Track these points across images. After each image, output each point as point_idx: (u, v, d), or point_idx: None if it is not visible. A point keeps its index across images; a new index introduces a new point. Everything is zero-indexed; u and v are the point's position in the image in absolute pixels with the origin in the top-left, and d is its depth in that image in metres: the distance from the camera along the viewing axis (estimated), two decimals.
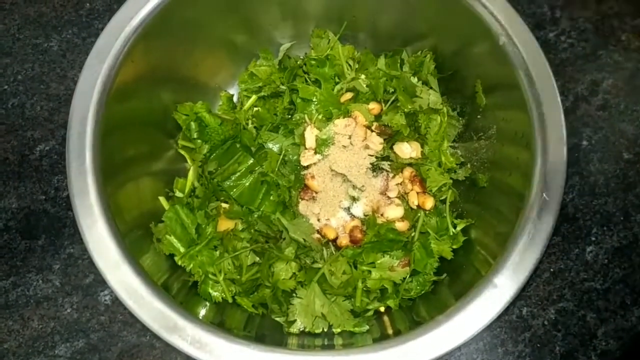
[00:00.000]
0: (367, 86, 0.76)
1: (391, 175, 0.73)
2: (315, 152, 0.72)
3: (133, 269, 0.58)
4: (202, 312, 0.65)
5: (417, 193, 0.73)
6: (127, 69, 0.66)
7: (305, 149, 0.72)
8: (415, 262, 0.67)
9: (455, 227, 0.70)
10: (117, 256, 0.58)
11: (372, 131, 0.74)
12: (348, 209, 0.72)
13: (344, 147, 0.72)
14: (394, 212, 0.71)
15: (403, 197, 0.73)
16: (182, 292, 0.66)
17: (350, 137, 0.72)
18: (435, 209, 0.73)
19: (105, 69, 0.64)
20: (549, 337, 0.74)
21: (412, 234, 0.71)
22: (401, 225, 0.70)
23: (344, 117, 0.74)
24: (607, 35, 0.88)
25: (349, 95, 0.76)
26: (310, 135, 0.72)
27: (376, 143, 0.73)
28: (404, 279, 0.67)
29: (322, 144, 0.72)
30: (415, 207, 0.72)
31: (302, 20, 0.79)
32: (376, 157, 0.72)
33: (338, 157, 0.71)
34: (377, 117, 0.75)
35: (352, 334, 0.65)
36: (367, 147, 0.72)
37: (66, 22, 0.89)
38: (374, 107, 0.75)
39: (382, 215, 0.72)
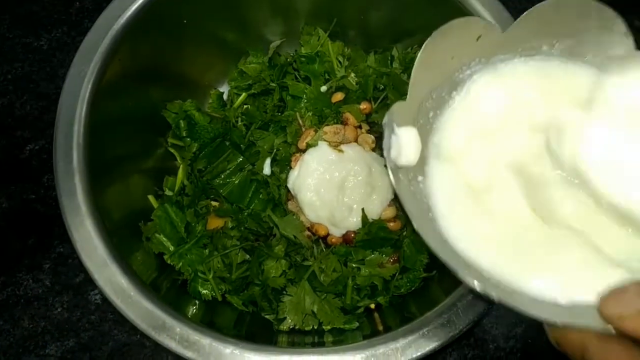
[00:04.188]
0: (356, 84, 0.76)
1: None
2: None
3: (121, 268, 0.58)
4: (192, 310, 0.65)
5: None
6: (115, 67, 0.66)
7: (297, 151, 0.72)
8: (405, 259, 0.67)
9: None
10: (104, 255, 0.58)
11: (361, 130, 0.74)
12: None
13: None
14: (386, 212, 0.71)
15: (395, 196, 0.73)
16: (171, 291, 0.66)
17: (340, 142, 0.72)
18: None
19: (93, 67, 0.64)
20: (541, 332, 0.74)
21: (404, 232, 0.71)
22: (393, 225, 0.70)
23: (333, 123, 0.73)
24: None
25: (340, 95, 0.76)
26: (302, 140, 0.72)
27: (369, 142, 0.73)
28: (394, 275, 0.67)
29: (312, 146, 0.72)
30: None
31: (292, 17, 0.79)
32: None
33: None
34: (367, 116, 0.75)
35: (342, 331, 0.65)
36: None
37: (56, 21, 0.89)
38: (365, 106, 0.74)
39: None
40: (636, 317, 0.27)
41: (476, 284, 0.34)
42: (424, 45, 0.41)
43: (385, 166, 0.40)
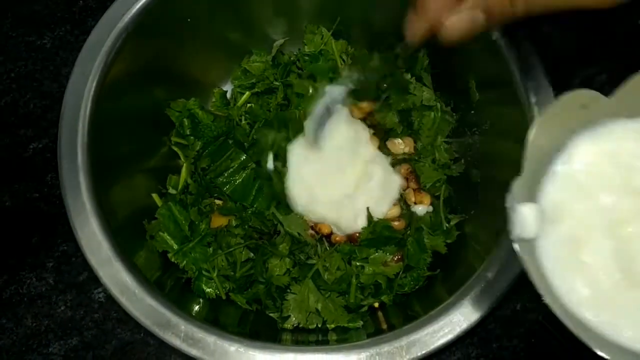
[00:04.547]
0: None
1: None
2: None
3: (125, 266, 0.58)
4: (196, 308, 0.65)
5: (414, 190, 0.73)
6: (119, 66, 0.66)
7: None
8: (409, 257, 0.67)
9: (449, 222, 0.70)
10: (109, 253, 0.58)
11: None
12: None
13: None
14: (391, 211, 0.71)
15: (400, 195, 0.73)
16: (175, 289, 0.66)
17: None
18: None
19: (97, 66, 0.64)
20: (544, 332, 0.74)
21: (408, 231, 0.71)
22: (397, 224, 0.70)
23: None
24: (603, 30, 0.88)
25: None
26: None
27: (375, 144, 0.73)
28: (398, 274, 0.68)
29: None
30: (412, 204, 0.72)
31: (295, 16, 0.79)
32: None
33: None
34: (369, 114, 0.75)
35: (346, 330, 0.65)
36: None
37: (59, 20, 0.89)
38: (365, 105, 0.74)
39: None
40: None
41: (604, 355, 0.38)
42: (535, 124, 0.44)
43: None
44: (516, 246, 0.42)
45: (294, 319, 0.66)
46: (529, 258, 0.42)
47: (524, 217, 0.43)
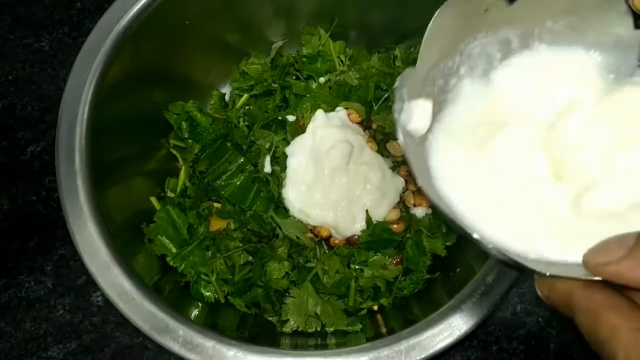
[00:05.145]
0: (356, 79, 0.75)
1: None
2: None
3: (124, 270, 0.58)
4: (195, 312, 0.64)
5: (413, 192, 0.73)
6: (117, 68, 0.65)
7: None
8: (408, 260, 0.67)
9: None
10: (107, 257, 0.58)
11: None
12: None
13: None
14: (390, 213, 0.70)
15: (400, 198, 0.73)
16: (174, 293, 0.65)
17: None
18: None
19: (95, 69, 0.63)
20: (544, 334, 0.74)
21: (407, 234, 0.71)
22: (397, 227, 0.70)
23: None
24: None
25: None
26: None
27: (373, 148, 0.72)
28: (397, 277, 0.67)
29: None
30: (411, 206, 0.72)
31: (294, 18, 0.78)
32: None
33: None
34: (367, 117, 0.75)
35: (346, 333, 0.65)
36: None
37: (57, 22, 0.89)
38: (361, 109, 0.74)
39: None
40: (616, 264, 0.31)
41: (475, 236, 0.36)
42: (436, 14, 0.41)
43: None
44: (401, 139, 0.39)
45: (292, 322, 0.65)
46: (413, 151, 0.40)
47: (415, 113, 0.40)
